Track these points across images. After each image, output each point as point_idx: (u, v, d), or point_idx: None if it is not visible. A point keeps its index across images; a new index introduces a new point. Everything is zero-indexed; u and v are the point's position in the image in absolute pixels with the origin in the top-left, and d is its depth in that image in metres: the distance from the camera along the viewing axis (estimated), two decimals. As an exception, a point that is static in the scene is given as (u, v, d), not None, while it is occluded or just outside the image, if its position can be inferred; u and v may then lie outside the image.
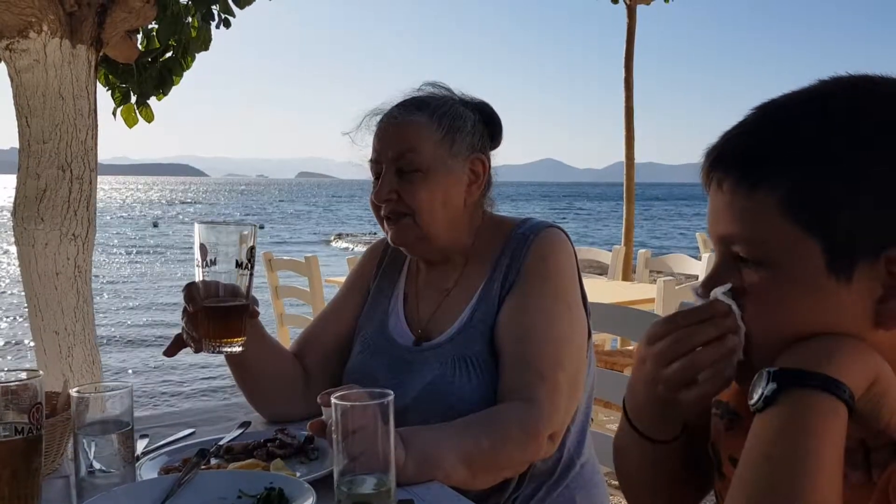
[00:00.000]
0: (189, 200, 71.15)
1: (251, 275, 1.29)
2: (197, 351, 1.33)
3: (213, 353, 1.30)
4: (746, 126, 0.80)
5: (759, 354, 0.76)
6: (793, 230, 0.73)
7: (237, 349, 1.31)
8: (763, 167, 0.75)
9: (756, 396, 0.70)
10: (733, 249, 0.78)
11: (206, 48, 3.69)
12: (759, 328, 0.76)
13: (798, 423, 0.66)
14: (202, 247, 1.26)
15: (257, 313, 1.39)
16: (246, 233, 1.27)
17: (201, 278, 1.27)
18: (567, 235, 1.50)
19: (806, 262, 0.73)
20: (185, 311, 1.33)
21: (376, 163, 1.49)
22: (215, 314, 1.28)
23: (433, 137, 1.45)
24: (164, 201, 68.55)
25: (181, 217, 43.01)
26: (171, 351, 1.38)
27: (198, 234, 1.26)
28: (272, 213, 50.29)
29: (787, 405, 0.67)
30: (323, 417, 1.13)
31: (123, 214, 44.70)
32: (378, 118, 1.51)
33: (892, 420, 0.70)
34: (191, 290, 1.30)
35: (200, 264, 1.27)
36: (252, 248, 1.28)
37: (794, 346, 0.72)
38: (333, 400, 0.94)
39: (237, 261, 1.27)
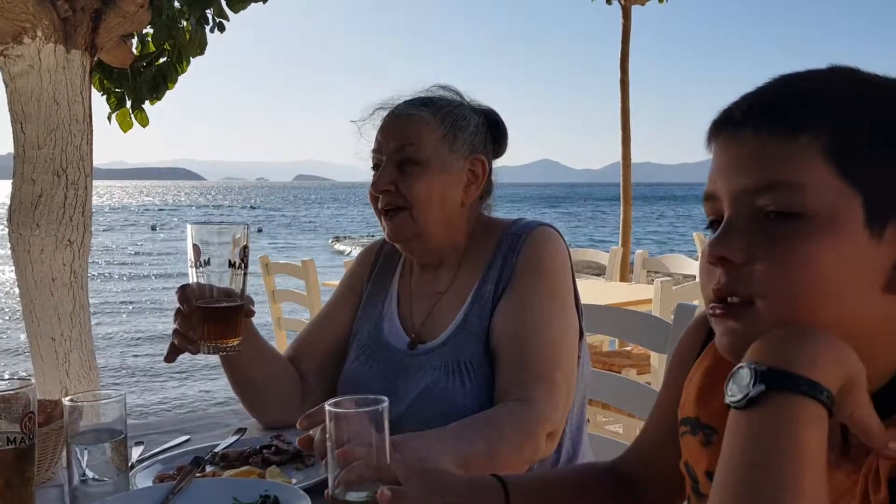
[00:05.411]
0: (187, 204, 71.17)
1: (245, 274, 1.29)
2: (194, 352, 1.32)
3: (209, 353, 1.29)
4: (775, 83, 0.76)
5: (771, 312, 0.72)
6: (836, 179, 0.70)
7: (234, 349, 1.31)
8: (806, 112, 0.71)
9: (740, 395, 0.68)
10: (758, 203, 0.72)
11: (202, 52, 3.69)
12: (779, 284, 0.71)
13: (785, 429, 0.65)
14: (195, 247, 1.26)
15: (252, 312, 1.38)
16: (238, 233, 1.27)
17: (195, 279, 1.27)
18: (559, 233, 1.50)
19: (847, 213, 0.69)
20: (178, 312, 1.32)
21: (377, 153, 1.50)
22: (210, 314, 1.28)
23: (435, 134, 1.46)
24: (162, 205, 68.54)
25: (180, 220, 42.99)
26: (171, 356, 1.37)
27: (190, 234, 1.25)
28: (270, 216, 50.26)
29: (772, 409, 0.65)
30: (310, 432, 1.13)
31: (122, 219, 44.66)
32: (384, 112, 1.52)
33: (854, 413, 0.69)
34: (185, 291, 1.29)
35: (194, 265, 1.26)
36: (245, 248, 1.28)
37: (772, 339, 0.69)
38: (327, 407, 0.94)
39: (230, 261, 1.26)
